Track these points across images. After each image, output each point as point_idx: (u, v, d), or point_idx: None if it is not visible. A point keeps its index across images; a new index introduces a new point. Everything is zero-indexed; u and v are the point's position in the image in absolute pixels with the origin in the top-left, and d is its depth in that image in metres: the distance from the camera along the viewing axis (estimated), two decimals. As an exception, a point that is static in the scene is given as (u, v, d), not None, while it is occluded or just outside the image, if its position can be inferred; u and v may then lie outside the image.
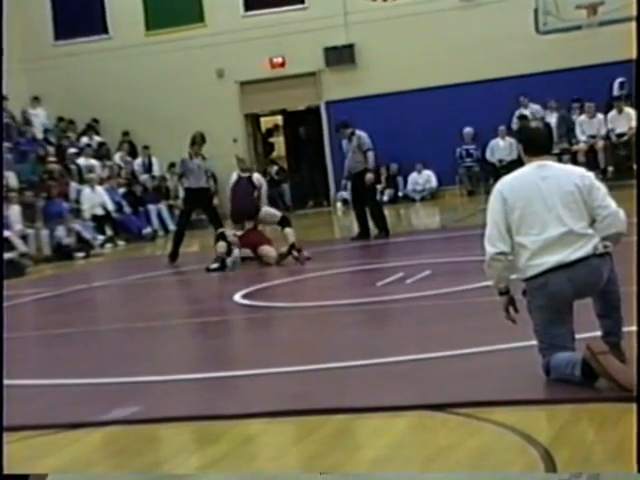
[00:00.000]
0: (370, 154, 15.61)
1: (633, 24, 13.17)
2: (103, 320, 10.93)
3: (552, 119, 21.74)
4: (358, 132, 15.84)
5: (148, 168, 24.50)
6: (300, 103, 25.71)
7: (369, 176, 15.51)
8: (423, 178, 24.05)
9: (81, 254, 18.68)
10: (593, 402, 5.07)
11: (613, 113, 21.98)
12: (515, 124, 22.27)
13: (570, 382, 5.26)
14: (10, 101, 22.60)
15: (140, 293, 12.80)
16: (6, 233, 17.19)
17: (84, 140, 24.86)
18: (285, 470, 4.74)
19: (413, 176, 24.11)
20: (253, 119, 26.10)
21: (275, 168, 25.50)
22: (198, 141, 14.96)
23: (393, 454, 4.70)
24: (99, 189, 21.40)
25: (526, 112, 22.46)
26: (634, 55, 5.50)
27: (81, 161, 23.14)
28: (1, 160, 18.95)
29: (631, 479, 4.12)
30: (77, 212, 20.68)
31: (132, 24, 25.32)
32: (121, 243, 20.79)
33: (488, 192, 6.08)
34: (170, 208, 23.06)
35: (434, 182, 24.03)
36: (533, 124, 6.02)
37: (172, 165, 24.44)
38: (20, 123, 23.96)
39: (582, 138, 22.17)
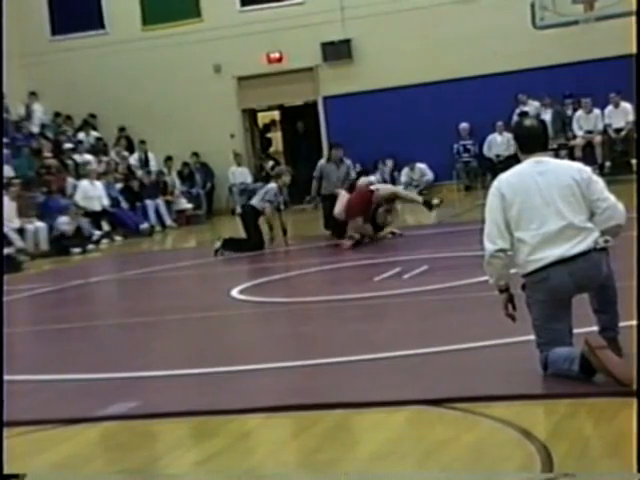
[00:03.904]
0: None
1: (633, 19, 13.17)
2: (100, 315, 10.92)
3: (547, 115, 21.74)
4: (346, 160, 15.95)
5: (145, 163, 24.48)
6: (297, 98, 25.69)
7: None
8: (417, 174, 23.94)
9: (78, 249, 18.65)
10: (590, 397, 5.07)
11: (610, 108, 21.99)
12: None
13: (567, 377, 5.26)
14: (8, 96, 22.55)
15: (137, 288, 12.80)
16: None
17: (81, 135, 24.83)
18: (282, 465, 4.75)
19: (405, 171, 23.93)
20: (250, 114, 26.07)
21: (270, 163, 25.48)
22: None
23: (391, 449, 4.70)
24: (97, 183, 21.38)
25: (526, 109, 22.43)
26: (634, 50, 5.50)
27: (77, 156, 23.11)
28: (1, 157, 18.93)
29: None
30: (76, 208, 20.61)
31: (129, 19, 25.28)
32: (118, 238, 20.75)
33: (485, 187, 6.11)
34: (168, 203, 23.04)
35: (430, 176, 23.92)
36: (527, 122, 6.01)
37: (168, 159, 24.48)
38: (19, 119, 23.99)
39: (579, 133, 22.18)
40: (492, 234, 5.54)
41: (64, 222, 19.07)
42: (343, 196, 14.66)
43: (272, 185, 15.34)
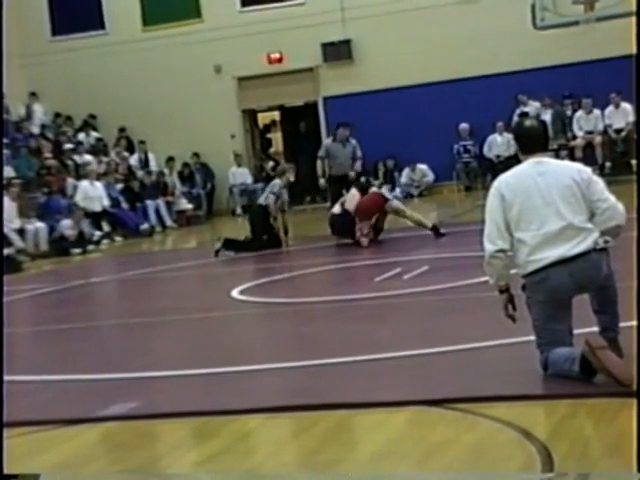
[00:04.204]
0: (360, 162, 15.95)
1: (633, 19, 13.16)
2: (101, 316, 10.93)
3: (547, 115, 21.75)
4: (352, 139, 15.96)
5: (145, 164, 24.48)
6: (298, 99, 25.67)
7: (352, 174, 15.76)
8: (417, 175, 23.95)
9: (78, 250, 18.65)
10: (591, 397, 5.08)
11: (610, 108, 22.00)
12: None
13: (568, 377, 5.27)
14: (8, 97, 22.56)
15: (137, 289, 12.80)
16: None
17: (81, 136, 24.83)
18: (283, 465, 4.75)
19: (406, 172, 23.96)
20: (251, 115, 26.07)
21: (271, 164, 25.48)
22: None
23: (391, 449, 4.71)
24: (97, 184, 21.37)
25: (527, 109, 22.43)
26: (634, 50, 5.50)
27: (78, 157, 23.11)
28: (1, 157, 18.92)
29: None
30: (78, 210, 20.61)
31: (129, 20, 25.28)
32: (118, 239, 20.75)
33: (485, 188, 6.12)
34: (168, 204, 23.02)
35: (431, 176, 23.93)
36: (527, 123, 6.03)
37: (170, 159, 24.47)
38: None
39: (579, 134, 22.18)
40: (492, 235, 5.54)
41: (67, 226, 19.06)
42: (354, 195, 14.58)
43: (277, 181, 15.38)
